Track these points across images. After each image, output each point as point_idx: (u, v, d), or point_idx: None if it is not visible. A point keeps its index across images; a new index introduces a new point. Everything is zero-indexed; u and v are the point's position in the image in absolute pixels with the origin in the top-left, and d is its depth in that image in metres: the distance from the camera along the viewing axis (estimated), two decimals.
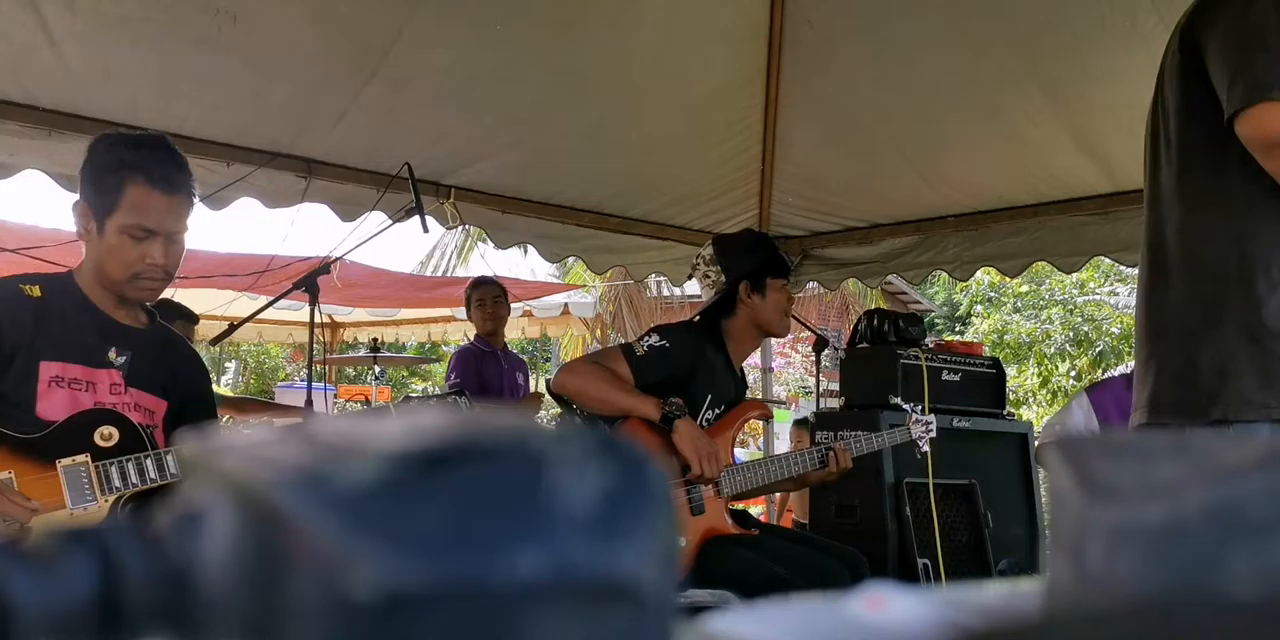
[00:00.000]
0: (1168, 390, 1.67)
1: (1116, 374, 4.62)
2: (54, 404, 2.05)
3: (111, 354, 2.15)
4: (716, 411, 2.96)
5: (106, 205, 2.07)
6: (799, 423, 6.60)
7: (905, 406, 3.24)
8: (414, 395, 3.77)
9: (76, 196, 2.15)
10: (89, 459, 2.03)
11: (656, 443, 2.70)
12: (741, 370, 3.17)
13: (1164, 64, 1.75)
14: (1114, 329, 14.02)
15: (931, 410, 3.41)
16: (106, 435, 2.07)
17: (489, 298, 5.19)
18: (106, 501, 2.03)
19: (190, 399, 2.30)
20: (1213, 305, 1.62)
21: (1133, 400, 1.77)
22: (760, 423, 5.49)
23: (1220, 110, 1.58)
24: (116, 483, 2.03)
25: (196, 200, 2.18)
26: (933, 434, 3.19)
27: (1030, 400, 13.69)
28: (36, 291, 2.10)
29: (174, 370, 2.27)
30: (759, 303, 3.01)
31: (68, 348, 2.09)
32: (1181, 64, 1.67)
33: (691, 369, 2.89)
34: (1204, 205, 1.65)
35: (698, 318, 3.08)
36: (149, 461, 2.06)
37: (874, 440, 3.09)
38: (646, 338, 2.92)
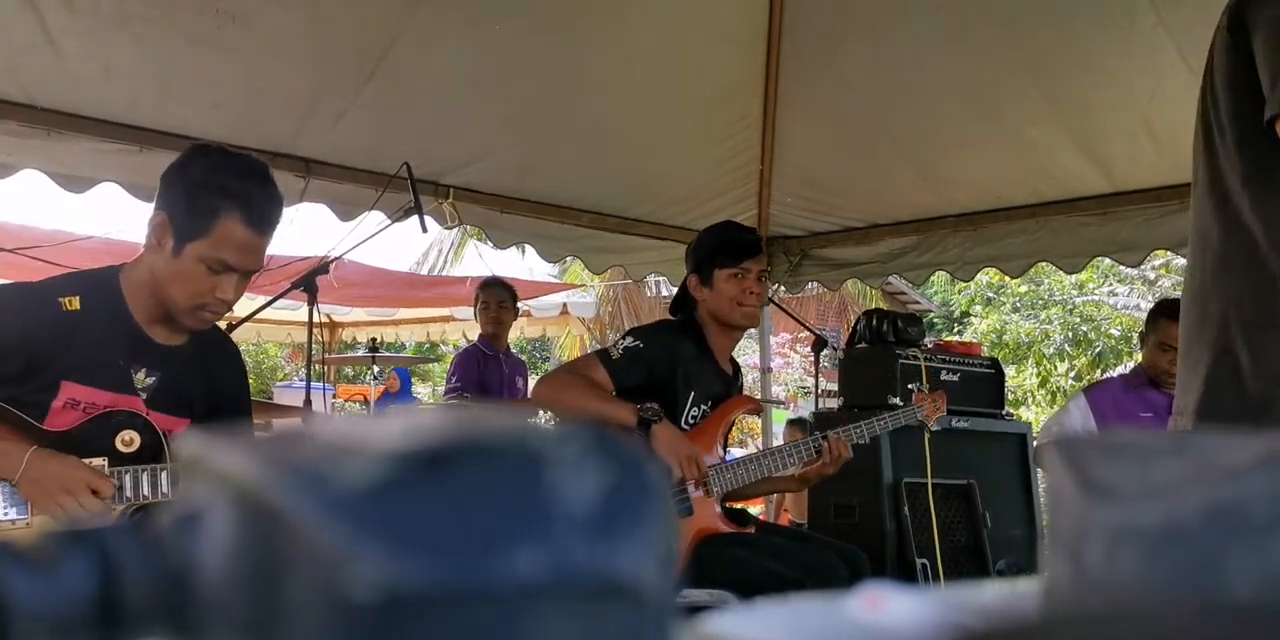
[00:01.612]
0: (1216, 397, 1.54)
1: (1115, 375, 4.63)
2: (64, 423, 2.00)
3: (140, 375, 2.07)
4: (702, 408, 2.94)
5: (194, 229, 1.96)
6: (793, 422, 6.60)
7: (911, 386, 3.19)
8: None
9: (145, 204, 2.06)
10: (106, 463, 1.99)
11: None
12: (735, 366, 3.14)
13: (1213, 44, 1.60)
14: (1113, 330, 14.02)
15: None
16: (128, 440, 2.03)
17: (493, 301, 5.19)
18: (115, 510, 1.98)
19: (220, 406, 2.22)
20: (1269, 308, 1.49)
21: (1175, 403, 1.61)
22: (758, 422, 5.49)
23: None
24: (128, 492, 1.98)
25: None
26: (943, 411, 3.14)
27: (1029, 400, 13.70)
28: (75, 304, 2.00)
29: (206, 383, 2.19)
30: (708, 295, 2.97)
31: (95, 371, 2.01)
32: (1230, 45, 1.53)
33: (670, 367, 2.87)
34: (1255, 200, 1.51)
35: (678, 314, 3.07)
36: (164, 474, 2.00)
37: (876, 425, 3.00)
38: (621, 341, 2.90)
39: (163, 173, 2.07)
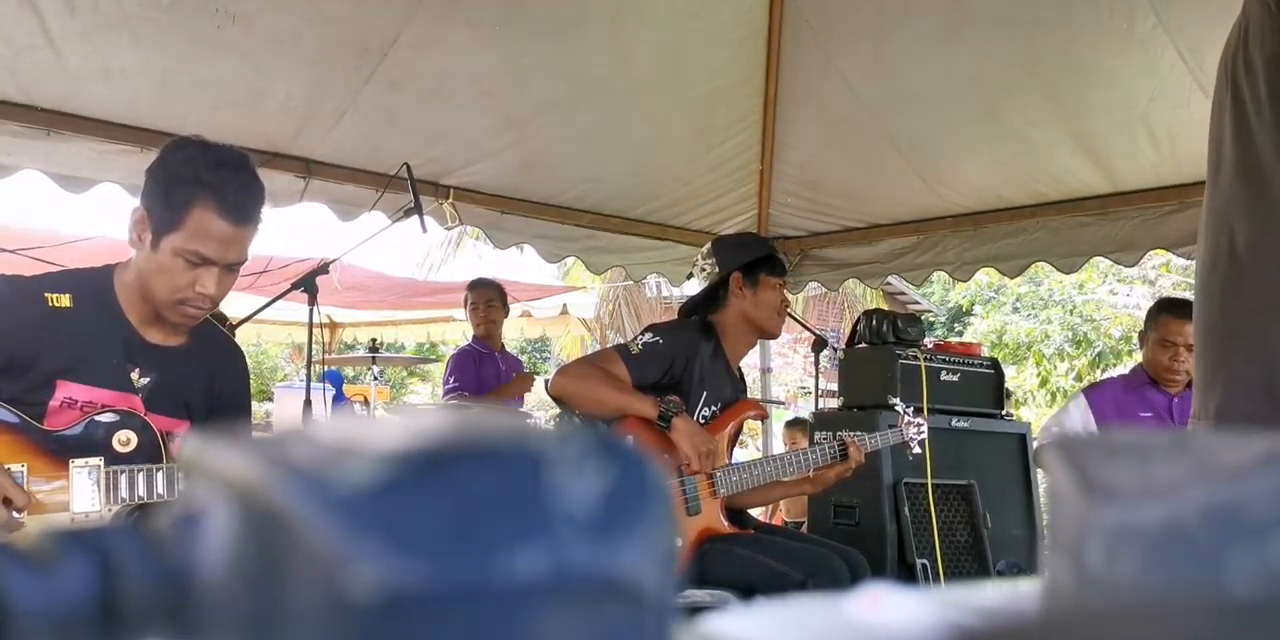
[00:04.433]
0: (1241, 400, 1.43)
1: (1115, 375, 4.62)
2: (63, 422, 1.99)
3: (135, 375, 2.05)
4: (712, 409, 2.95)
5: (168, 221, 1.93)
6: (791, 423, 6.57)
7: (899, 408, 3.23)
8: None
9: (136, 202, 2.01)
10: (102, 463, 1.97)
11: (654, 441, 2.70)
12: (740, 371, 3.16)
13: (1246, 19, 1.45)
14: (1113, 330, 14.02)
15: (930, 411, 3.42)
16: (124, 440, 2.01)
17: (482, 302, 5.18)
18: (110, 510, 1.96)
19: (220, 406, 2.19)
20: None
21: (1195, 405, 1.49)
22: (759, 424, 5.49)
23: None
24: (124, 492, 1.96)
25: (261, 227, 2.03)
26: (923, 435, 3.18)
27: (1029, 401, 13.70)
28: (65, 301, 1.97)
29: (206, 384, 2.16)
30: (751, 297, 2.98)
31: (92, 369, 2.00)
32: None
33: (685, 365, 2.88)
34: None
35: (692, 315, 3.08)
36: (159, 474, 1.98)
37: (867, 442, 3.08)
38: (640, 337, 2.92)
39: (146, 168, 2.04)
